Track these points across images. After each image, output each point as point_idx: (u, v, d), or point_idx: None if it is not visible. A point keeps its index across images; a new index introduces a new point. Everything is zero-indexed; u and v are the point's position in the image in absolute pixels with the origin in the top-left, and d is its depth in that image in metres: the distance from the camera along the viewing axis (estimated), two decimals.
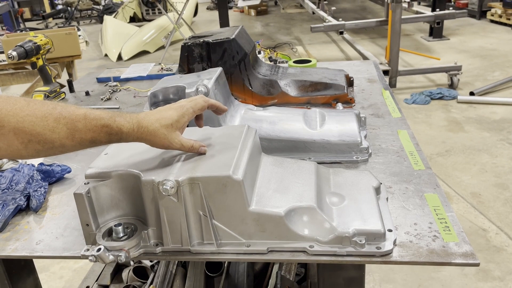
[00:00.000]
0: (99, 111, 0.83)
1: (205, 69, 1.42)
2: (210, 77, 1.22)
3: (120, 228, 0.86)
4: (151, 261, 1.81)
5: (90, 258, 0.84)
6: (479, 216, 2.62)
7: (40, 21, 10.14)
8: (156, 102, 1.23)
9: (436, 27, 5.89)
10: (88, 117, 0.80)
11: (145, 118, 0.86)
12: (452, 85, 4.54)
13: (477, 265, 0.78)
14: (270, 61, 1.98)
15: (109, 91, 1.85)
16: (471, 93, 4.32)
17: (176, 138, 0.88)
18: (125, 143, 1.01)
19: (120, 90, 1.88)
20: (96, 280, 1.78)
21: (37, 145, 0.78)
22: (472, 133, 3.66)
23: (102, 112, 0.83)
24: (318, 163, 1.04)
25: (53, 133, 0.78)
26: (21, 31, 5.53)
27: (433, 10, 5.78)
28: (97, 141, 0.82)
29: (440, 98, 4.33)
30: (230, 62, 1.44)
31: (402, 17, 4.52)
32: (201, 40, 1.44)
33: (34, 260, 1.18)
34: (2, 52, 3.50)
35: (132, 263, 1.83)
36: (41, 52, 1.74)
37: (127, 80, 1.99)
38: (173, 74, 1.67)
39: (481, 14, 7.36)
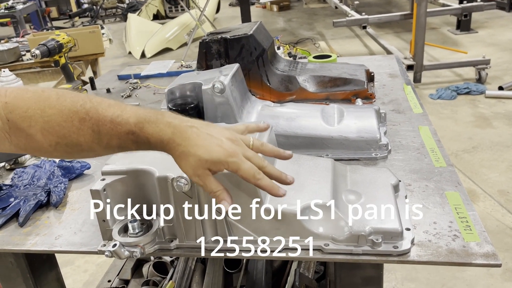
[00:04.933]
0: (132, 112, 0.72)
1: (223, 65, 1.42)
2: (227, 73, 1.22)
3: (135, 224, 0.87)
4: (170, 257, 1.82)
5: (106, 253, 0.85)
6: (506, 214, 2.54)
7: (67, 20, 10.36)
8: (173, 98, 1.23)
9: (464, 20, 5.72)
10: (114, 120, 0.71)
11: (183, 134, 0.70)
12: (480, 80, 4.41)
13: (499, 265, 0.75)
14: (290, 57, 1.97)
15: (130, 88, 1.87)
16: (500, 88, 4.18)
17: (203, 176, 0.72)
18: None
19: (140, 87, 1.90)
20: (117, 275, 1.81)
21: (65, 147, 0.74)
22: (501, 129, 3.55)
23: (132, 114, 0.71)
24: (335, 160, 1.03)
25: (79, 135, 0.72)
26: (48, 30, 5.66)
27: (460, 3, 5.63)
28: (125, 147, 0.74)
29: (467, 93, 4.21)
30: (248, 58, 1.43)
31: (428, 10, 4.41)
32: (219, 36, 1.44)
33: (58, 254, 1.21)
34: (29, 51, 3.59)
35: (152, 258, 1.85)
36: (63, 50, 1.77)
37: (147, 77, 2.01)
38: (192, 71, 1.67)
39: (511, 6, 7.11)
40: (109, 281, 1.79)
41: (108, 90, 1.88)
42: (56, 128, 0.72)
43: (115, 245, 0.84)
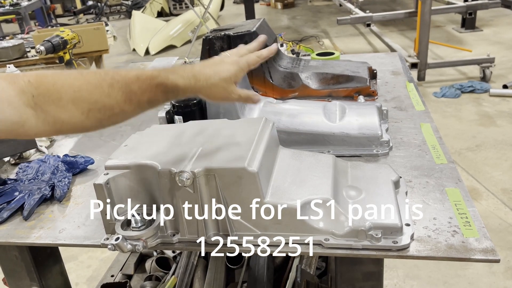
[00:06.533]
0: (151, 70, 0.82)
1: None
2: None
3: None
4: (173, 252, 1.84)
5: (109, 247, 0.86)
6: (509, 213, 2.53)
7: (72, 17, 10.39)
8: None
9: (469, 18, 5.69)
10: (140, 77, 0.79)
11: (201, 71, 0.85)
12: (484, 78, 4.40)
13: (497, 261, 0.76)
14: (293, 54, 1.97)
15: None
16: (504, 86, 4.17)
17: (235, 90, 0.88)
18: (145, 134, 1.03)
19: None
20: (121, 270, 1.83)
21: (97, 114, 0.77)
22: (505, 127, 3.54)
23: (154, 70, 0.82)
24: (337, 156, 1.03)
25: (110, 98, 0.77)
26: (52, 26, 5.69)
27: (465, 1, 5.60)
28: (154, 101, 0.82)
29: (471, 92, 4.20)
30: None
31: (432, 8, 4.40)
32: (222, 33, 1.44)
33: (62, 249, 1.22)
34: (34, 47, 3.61)
35: (155, 253, 1.87)
36: (68, 46, 1.78)
37: None
38: None
39: None
40: (112, 276, 1.80)
41: None
42: (87, 96, 0.75)
43: (118, 238, 0.85)
